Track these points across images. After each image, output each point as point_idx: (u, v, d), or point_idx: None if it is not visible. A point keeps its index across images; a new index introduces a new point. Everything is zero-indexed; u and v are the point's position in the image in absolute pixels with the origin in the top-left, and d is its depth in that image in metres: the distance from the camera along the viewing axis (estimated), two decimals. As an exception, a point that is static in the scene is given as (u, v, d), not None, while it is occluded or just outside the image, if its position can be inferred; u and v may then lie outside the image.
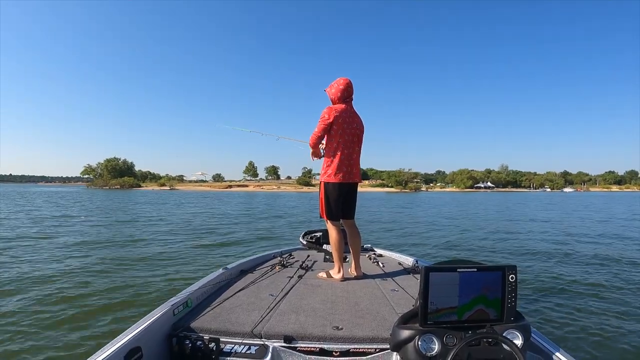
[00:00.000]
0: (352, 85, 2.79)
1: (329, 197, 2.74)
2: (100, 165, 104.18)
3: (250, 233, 10.35)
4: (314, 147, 2.80)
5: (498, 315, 1.32)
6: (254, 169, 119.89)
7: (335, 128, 2.67)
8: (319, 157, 2.85)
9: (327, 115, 2.66)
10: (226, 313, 1.88)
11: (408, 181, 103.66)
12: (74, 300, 4.09)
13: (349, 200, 2.84)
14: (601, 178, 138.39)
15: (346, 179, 2.73)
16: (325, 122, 2.67)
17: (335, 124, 2.67)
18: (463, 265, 1.30)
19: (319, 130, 2.70)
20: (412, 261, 3.15)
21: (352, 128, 2.72)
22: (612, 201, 36.14)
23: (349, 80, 2.77)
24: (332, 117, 2.65)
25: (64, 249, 7.37)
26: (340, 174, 2.70)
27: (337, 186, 2.71)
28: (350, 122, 2.72)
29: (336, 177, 2.70)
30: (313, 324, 1.76)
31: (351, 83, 2.78)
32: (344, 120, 2.68)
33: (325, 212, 2.79)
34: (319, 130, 2.70)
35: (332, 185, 2.72)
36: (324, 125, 2.67)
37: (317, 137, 2.73)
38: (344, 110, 2.70)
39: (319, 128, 2.69)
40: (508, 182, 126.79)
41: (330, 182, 2.71)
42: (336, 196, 2.73)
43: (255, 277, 2.64)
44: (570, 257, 7.03)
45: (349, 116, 2.72)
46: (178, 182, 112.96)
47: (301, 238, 3.96)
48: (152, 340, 1.59)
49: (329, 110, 2.69)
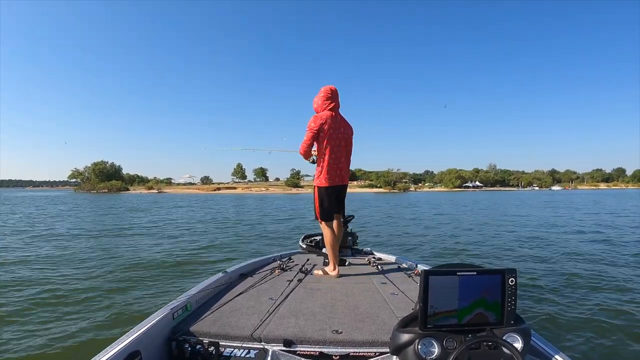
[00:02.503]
0: (337, 92, 2.97)
1: (322, 200, 2.96)
2: (87, 169, 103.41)
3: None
4: (305, 155, 3.02)
5: (498, 319, 1.31)
6: (242, 171, 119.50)
7: (322, 135, 2.85)
8: (313, 162, 3.07)
9: (313, 124, 2.86)
10: (226, 317, 1.88)
11: (397, 181, 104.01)
12: (72, 305, 4.10)
13: (340, 201, 3.09)
14: (589, 176, 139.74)
15: (336, 182, 2.96)
16: (312, 130, 2.85)
17: (321, 132, 2.85)
18: (462, 269, 1.29)
19: (307, 139, 2.89)
20: (412, 264, 3.16)
21: (339, 133, 2.91)
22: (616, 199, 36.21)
23: (332, 88, 2.94)
24: (318, 125, 2.84)
25: (60, 252, 7.31)
26: (330, 177, 2.92)
27: (329, 189, 2.94)
28: (337, 128, 2.91)
29: (327, 181, 2.92)
30: (313, 327, 1.76)
31: (335, 90, 2.96)
32: (329, 127, 2.85)
33: (319, 213, 2.99)
34: (307, 138, 2.89)
35: (325, 189, 2.94)
36: (312, 134, 2.86)
37: (307, 145, 2.92)
38: (329, 117, 2.88)
39: (307, 137, 2.89)
40: (496, 181, 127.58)
41: (322, 186, 2.94)
42: (328, 199, 2.96)
43: (255, 280, 2.65)
44: (571, 258, 6.95)
45: (334, 122, 2.90)
46: (166, 185, 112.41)
47: (300, 242, 3.98)
48: (152, 344, 1.59)
49: (315, 118, 2.87)
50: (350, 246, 3.81)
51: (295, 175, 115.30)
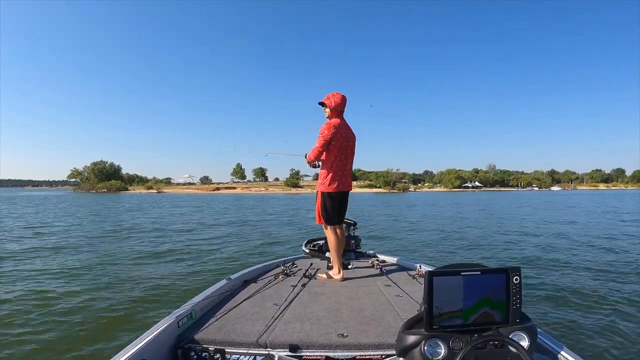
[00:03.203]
0: (346, 100, 3.04)
1: (326, 205, 2.99)
2: (87, 168, 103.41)
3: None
4: (315, 160, 3.06)
5: (503, 318, 1.31)
6: (242, 171, 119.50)
7: (334, 143, 2.91)
8: (316, 167, 3.14)
9: (327, 132, 2.89)
10: (231, 323, 1.88)
11: (396, 181, 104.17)
12: (77, 313, 4.02)
13: (343, 206, 3.11)
14: (588, 176, 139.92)
15: (340, 188, 2.99)
16: (326, 137, 2.89)
17: (334, 139, 2.90)
18: (467, 269, 1.29)
19: (320, 146, 2.93)
20: (415, 266, 3.15)
21: (347, 141, 2.99)
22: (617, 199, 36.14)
23: (343, 95, 3.02)
24: (331, 133, 2.88)
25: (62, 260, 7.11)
26: (336, 183, 2.96)
27: (334, 195, 2.98)
28: (346, 136, 2.97)
29: (332, 187, 2.96)
30: (318, 332, 1.76)
31: (346, 98, 3.03)
32: (340, 135, 2.92)
33: (323, 218, 3.02)
34: (320, 145, 2.93)
35: (330, 195, 2.98)
36: (324, 141, 2.90)
37: (318, 152, 2.96)
38: (340, 125, 2.94)
39: (320, 144, 2.92)
40: (496, 182, 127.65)
41: (327, 192, 2.97)
42: (333, 204, 2.99)
43: (259, 286, 2.64)
44: (576, 257, 6.97)
45: (344, 130, 2.97)
46: (165, 184, 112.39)
47: (304, 246, 3.97)
48: (158, 352, 1.58)
49: (328, 126, 2.90)
50: (353, 249, 3.81)
51: (294, 176, 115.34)
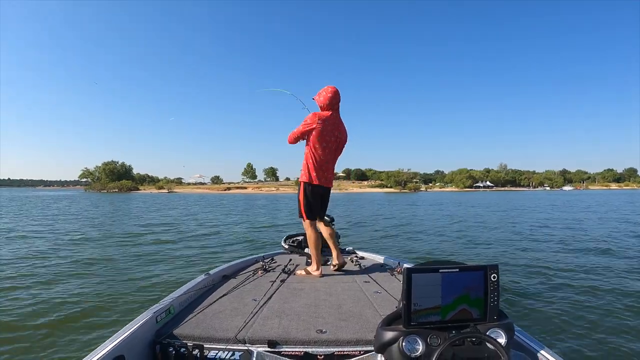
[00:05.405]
0: (339, 94, 2.93)
1: (307, 197, 2.91)
2: (98, 168, 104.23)
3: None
4: (291, 142, 2.97)
5: (481, 315, 1.33)
6: (253, 171, 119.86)
7: (315, 134, 2.81)
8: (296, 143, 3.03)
9: (309, 121, 2.83)
10: (209, 319, 1.88)
11: (407, 181, 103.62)
12: (54, 309, 3.93)
13: (324, 203, 3.05)
14: (600, 176, 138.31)
15: (321, 182, 2.92)
16: (306, 127, 2.83)
17: (316, 130, 2.80)
18: (445, 266, 1.30)
19: (297, 132, 2.87)
20: (395, 263, 3.14)
21: (333, 136, 2.88)
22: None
23: (336, 89, 2.91)
24: (314, 124, 2.80)
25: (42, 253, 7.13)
26: (317, 176, 2.89)
27: (315, 187, 2.91)
28: (332, 130, 2.87)
29: (314, 179, 2.89)
30: (297, 328, 1.76)
31: (338, 91, 2.92)
32: (325, 128, 2.82)
33: (304, 210, 2.93)
34: (297, 132, 2.87)
35: (310, 186, 2.90)
36: (304, 130, 2.84)
37: (295, 137, 2.91)
38: (328, 118, 2.84)
39: (299, 130, 2.87)
40: (507, 182, 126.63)
41: (308, 183, 2.90)
42: (313, 197, 2.92)
43: (238, 282, 2.62)
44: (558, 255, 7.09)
45: (332, 124, 2.86)
46: (176, 184, 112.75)
47: (283, 242, 3.92)
48: (136, 348, 1.59)
49: (313, 116, 2.83)
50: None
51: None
